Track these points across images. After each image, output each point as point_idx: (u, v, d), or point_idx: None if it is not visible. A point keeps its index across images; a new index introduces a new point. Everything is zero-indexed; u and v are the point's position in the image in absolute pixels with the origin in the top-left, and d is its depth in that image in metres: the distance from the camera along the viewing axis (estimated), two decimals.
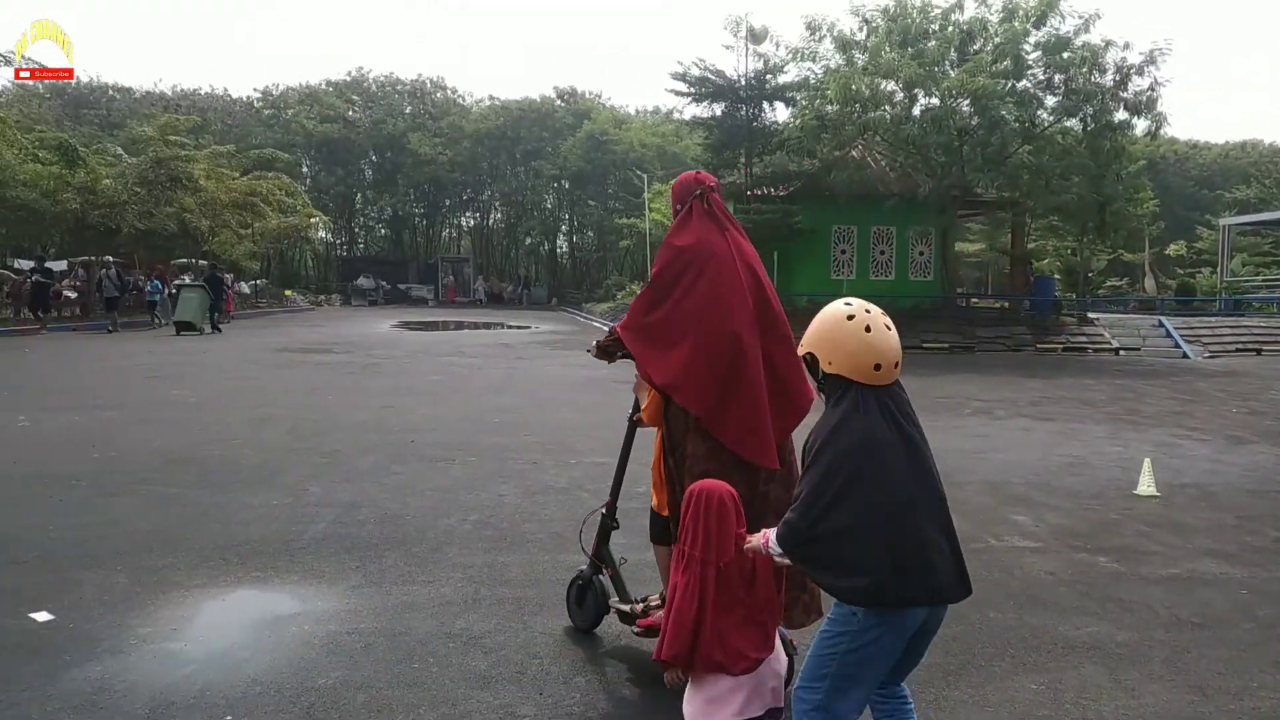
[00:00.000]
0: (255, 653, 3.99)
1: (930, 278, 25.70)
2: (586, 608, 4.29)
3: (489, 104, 62.08)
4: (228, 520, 6.02)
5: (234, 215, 34.78)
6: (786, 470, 3.66)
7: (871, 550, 2.40)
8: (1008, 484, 7.61)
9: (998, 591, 4.96)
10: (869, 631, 2.44)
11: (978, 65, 20.91)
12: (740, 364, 3.58)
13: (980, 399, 13.18)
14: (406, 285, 53.83)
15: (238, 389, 13.00)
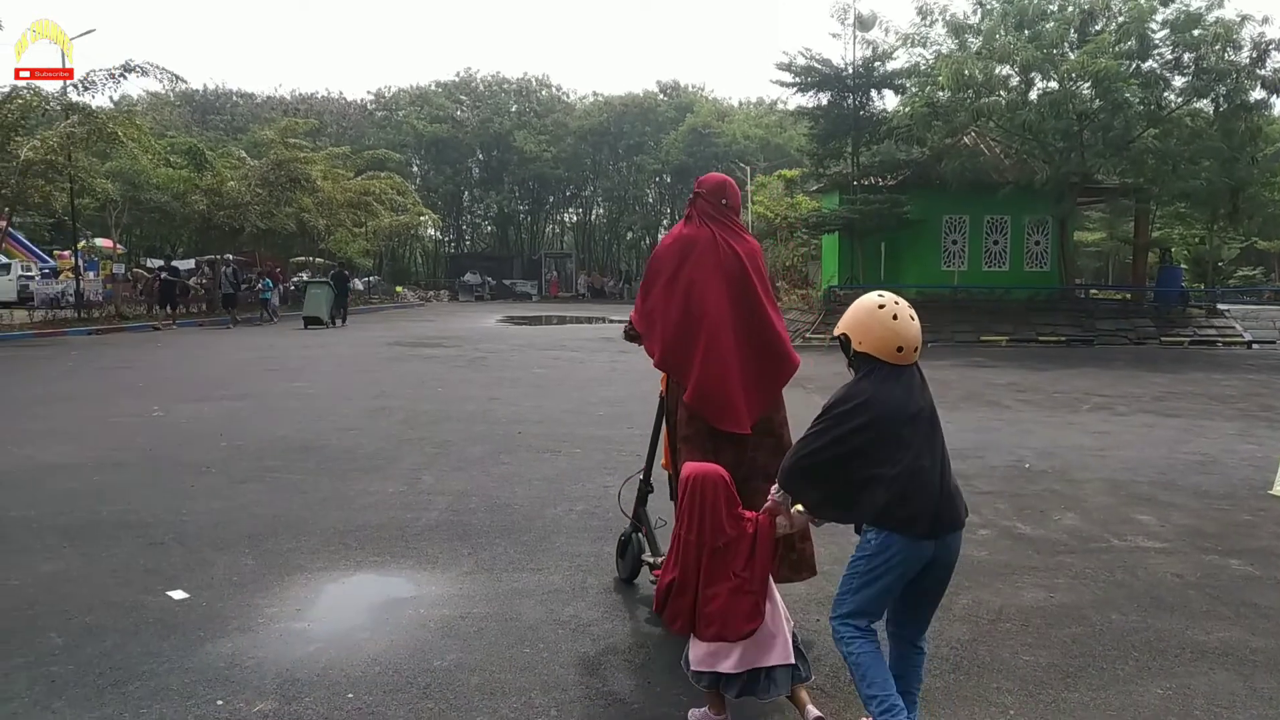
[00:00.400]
0: (374, 634, 4.15)
1: (1047, 268, 24.74)
2: (626, 560, 4.89)
3: (592, 100, 62.68)
4: (346, 506, 6.26)
5: (349, 214, 36.03)
6: (775, 440, 4.07)
7: (882, 486, 2.93)
8: (1131, 482, 7.28)
9: (1120, 593, 4.77)
10: (883, 551, 2.97)
11: (1100, 46, 20.00)
12: (709, 337, 4.02)
13: (1100, 394, 12.64)
14: (511, 281, 54.84)
15: (354, 381, 13.48)
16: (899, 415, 2.98)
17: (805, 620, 4.30)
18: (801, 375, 14.00)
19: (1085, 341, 21.36)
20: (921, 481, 2.96)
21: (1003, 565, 5.18)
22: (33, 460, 7.66)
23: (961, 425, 9.96)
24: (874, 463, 2.96)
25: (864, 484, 2.98)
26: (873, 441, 2.96)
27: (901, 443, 2.96)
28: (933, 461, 3.01)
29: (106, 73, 22.76)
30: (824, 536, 4.62)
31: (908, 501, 2.94)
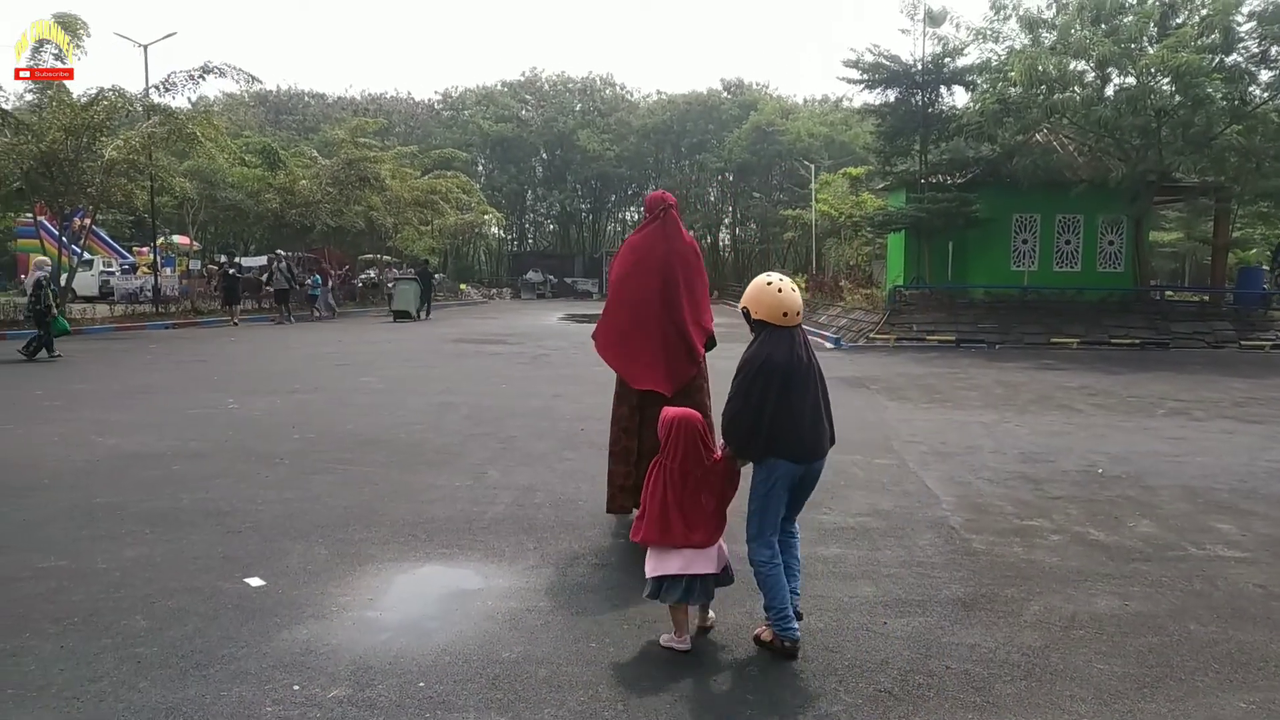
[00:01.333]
0: (443, 624, 4.22)
1: (1121, 269, 24.05)
2: None
3: (656, 99, 62.75)
4: (415, 499, 6.38)
5: (415, 213, 36.64)
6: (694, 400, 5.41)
7: (765, 428, 3.85)
8: (1209, 489, 7.06)
9: (1198, 602, 4.63)
10: (769, 478, 3.95)
11: (1181, 39, 19.38)
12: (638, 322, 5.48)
13: (1176, 399, 12.27)
14: (572, 279, 55.18)
15: (420, 377, 13.71)
16: (785, 366, 3.88)
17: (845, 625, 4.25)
18: (866, 375, 13.92)
19: (1160, 345, 20.73)
20: (798, 421, 3.89)
21: (1075, 572, 5.07)
22: (117, 449, 7.95)
23: (1032, 429, 9.76)
24: (767, 407, 3.84)
25: (760, 425, 3.85)
26: (767, 390, 3.85)
27: (786, 388, 3.87)
28: (808, 404, 3.93)
29: (186, 74, 23.49)
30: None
31: (787, 436, 3.87)
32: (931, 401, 11.78)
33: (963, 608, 4.51)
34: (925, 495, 6.77)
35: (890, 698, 3.56)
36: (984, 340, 20.81)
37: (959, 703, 3.53)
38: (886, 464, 7.86)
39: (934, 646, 4.05)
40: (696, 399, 5.49)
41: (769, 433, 3.86)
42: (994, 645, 4.07)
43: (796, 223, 42.37)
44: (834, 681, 3.69)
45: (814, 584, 4.81)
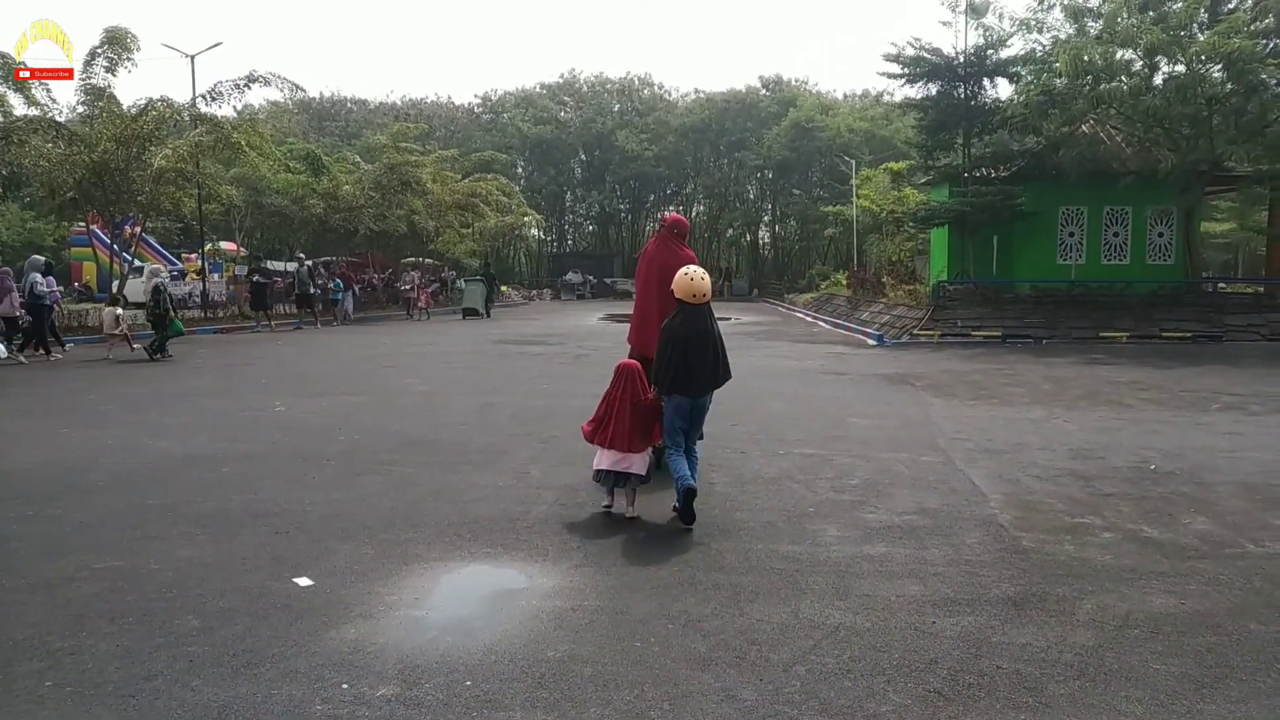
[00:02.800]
0: (489, 623, 4.24)
1: (1171, 261, 23.53)
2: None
3: (694, 98, 62.68)
4: (459, 499, 6.42)
5: (456, 216, 36.93)
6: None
7: (670, 374, 5.73)
8: (1267, 485, 6.88)
9: (1258, 601, 4.51)
10: (670, 405, 5.84)
11: (1233, 25, 18.91)
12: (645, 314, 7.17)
13: (1231, 393, 11.97)
14: (611, 279, 55.26)
15: (463, 378, 13.82)
16: (688, 334, 5.74)
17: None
18: (910, 371, 13.83)
19: (1213, 338, 20.25)
20: (695, 369, 5.77)
21: (1128, 570, 4.97)
22: (169, 452, 8.10)
23: (1081, 424, 9.58)
24: (677, 361, 5.73)
25: (670, 373, 5.77)
26: (674, 351, 5.73)
27: (689, 349, 5.73)
28: (706, 361, 5.80)
29: (232, 84, 23.88)
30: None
31: (685, 380, 5.78)
32: (977, 398, 11.62)
33: (1013, 607, 4.44)
34: (972, 493, 6.67)
35: (940, 698, 3.51)
36: (1030, 335, 20.47)
37: (1010, 703, 3.47)
38: (932, 461, 7.76)
39: (984, 646, 3.98)
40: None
41: (674, 378, 5.76)
42: (1046, 645, 3.99)
43: (837, 219, 42.04)
44: (882, 681, 3.64)
45: (860, 583, 4.77)
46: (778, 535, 5.62)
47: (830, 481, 7.02)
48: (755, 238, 65.67)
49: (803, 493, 6.69)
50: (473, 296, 31.54)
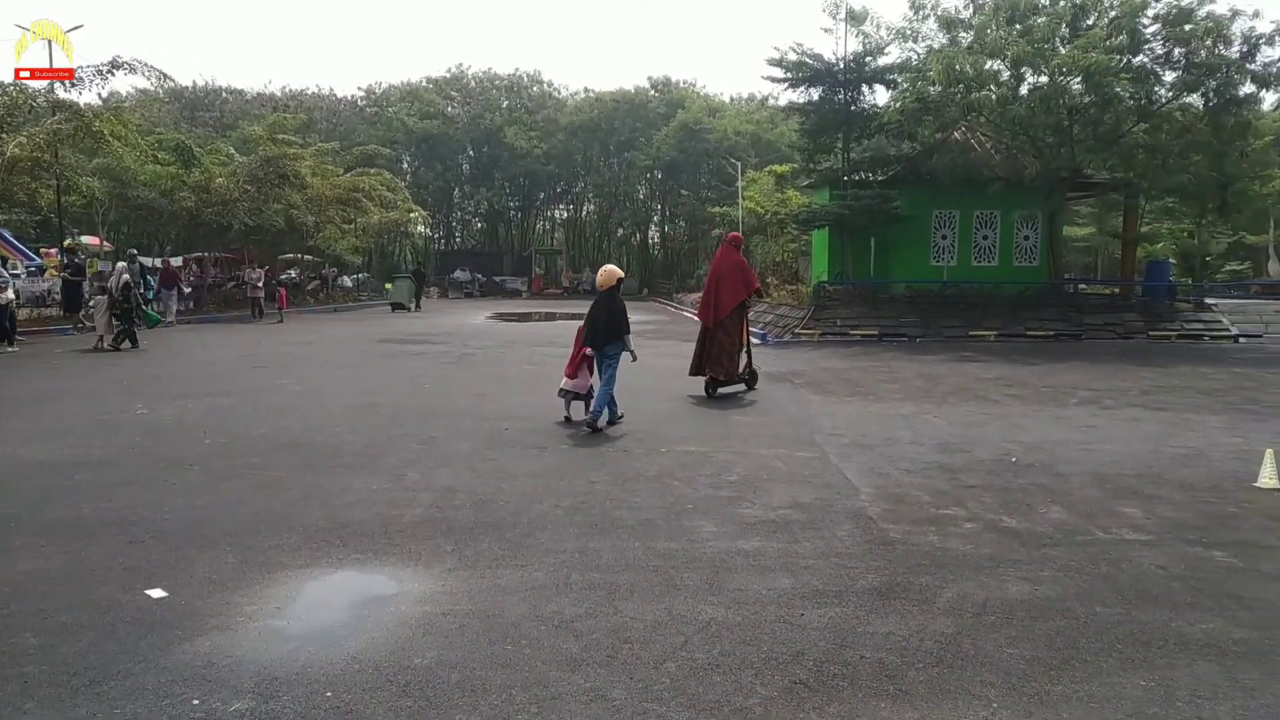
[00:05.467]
0: (355, 631, 4.11)
1: (1036, 263, 24.76)
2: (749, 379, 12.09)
3: (583, 96, 62.58)
4: (330, 504, 6.22)
5: (338, 211, 35.88)
6: (723, 332, 11.62)
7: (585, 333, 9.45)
8: (1117, 475, 7.28)
9: (1105, 586, 4.76)
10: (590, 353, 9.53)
11: (1091, 41, 20.01)
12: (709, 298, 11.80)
13: (1088, 388, 12.65)
14: (501, 277, 54.70)
15: (340, 378, 13.42)
16: (594, 309, 9.24)
17: (789, 616, 4.27)
18: (791, 370, 14.16)
19: (1073, 336, 21.40)
20: (592, 330, 9.23)
21: (987, 558, 5.17)
22: (17, 458, 7.59)
23: (950, 420, 9.96)
24: (585, 325, 9.33)
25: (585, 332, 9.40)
26: (587, 318, 9.30)
27: (592, 318, 9.24)
28: (596, 325, 9.18)
29: (94, 69, 22.59)
30: None
31: (589, 336, 9.27)
32: (854, 395, 11.95)
33: (878, 597, 4.56)
34: (845, 487, 6.85)
35: (805, 689, 3.57)
36: (905, 334, 21.21)
37: (872, 691, 3.56)
38: (809, 457, 7.93)
39: (849, 636, 4.08)
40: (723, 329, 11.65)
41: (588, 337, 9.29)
42: (908, 633, 4.12)
43: (724, 220, 42.64)
44: (750, 675, 3.69)
45: (733, 578, 4.82)
46: (655, 532, 5.63)
47: (710, 478, 7.09)
48: (645, 237, 66.03)
49: (683, 490, 6.73)
50: (399, 292, 34.57)
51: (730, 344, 11.63)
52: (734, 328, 11.66)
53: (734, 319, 11.66)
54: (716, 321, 11.59)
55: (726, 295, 11.59)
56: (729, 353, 11.62)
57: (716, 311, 11.61)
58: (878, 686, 3.60)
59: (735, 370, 11.72)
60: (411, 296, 34.74)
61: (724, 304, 11.57)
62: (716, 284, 11.67)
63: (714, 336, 11.64)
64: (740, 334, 11.77)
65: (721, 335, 11.60)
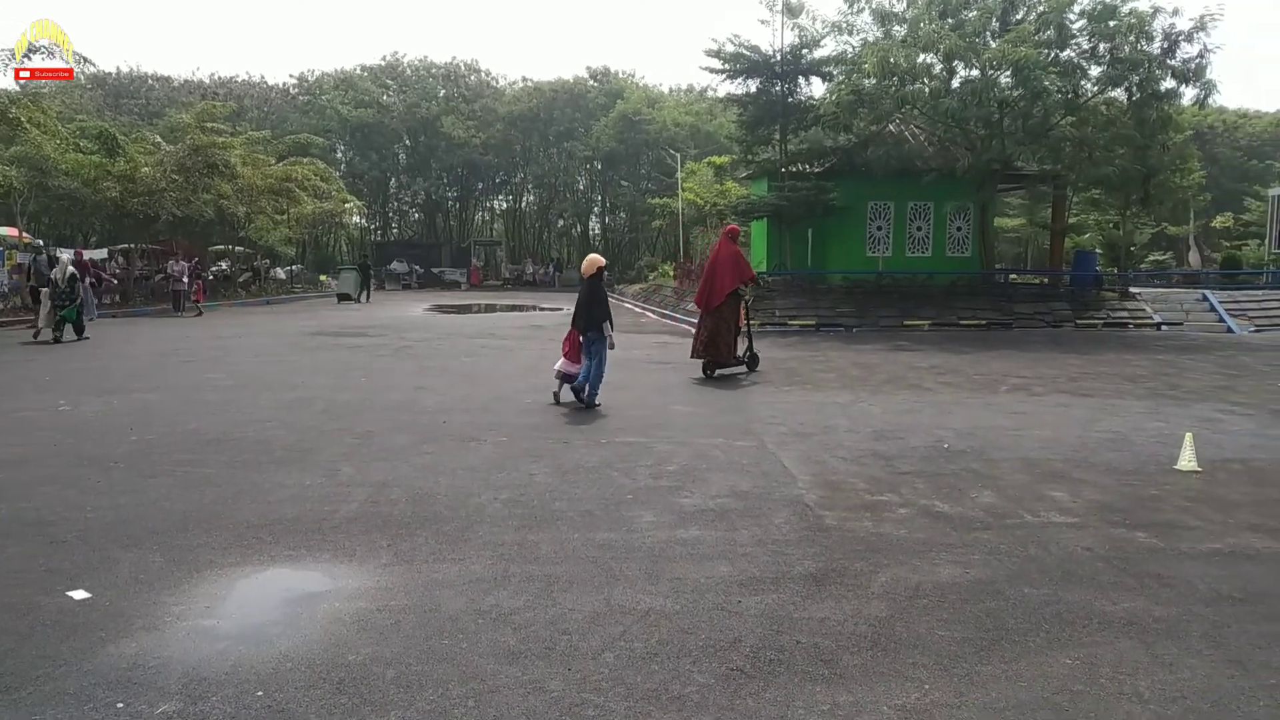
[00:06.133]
0: (287, 629, 4.03)
1: (968, 254, 25.28)
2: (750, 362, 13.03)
3: (522, 86, 62.10)
4: (261, 500, 6.08)
5: (270, 201, 35.06)
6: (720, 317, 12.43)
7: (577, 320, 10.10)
8: (1046, 460, 7.48)
9: (1033, 567, 4.88)
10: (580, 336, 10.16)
11: (1020, 35, 20.45)
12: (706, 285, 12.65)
13: (1018, 375, 12.98)
14: (439, 269, 54.03)
15: (273, 372, 13.15)
16: (582, 296, 10.03)
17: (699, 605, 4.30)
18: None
19: (1004, 325, 21.92)
20: (580, 317, 9.94)
21: (921, 543, 5.27)
22: None
23: (885, 408, 10.13)
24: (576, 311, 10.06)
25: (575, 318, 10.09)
26: (576, 306, 10.06)
27: (578, 304, 10.03)
28: (580, 310, 9.97)
29: (9, 53, 21.71)
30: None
31: (575, 320, 10.02)
32: (792, 384, 12.08)
33: (814, 583, 4.62)
34: (782, 475, 6.92)
35: (742, 675, 3.60)
36: (842, 324, 21.51)
37: (807, 676, 3.60)
38: (747, 446, 7.99)
39: (785, 622, 4.12)
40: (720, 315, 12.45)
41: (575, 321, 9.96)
42: (842, 618, 4.17)
43: (664, 211, 42.74)
44: (688, 663, 3.70)
45: (672, 567, 4.84)
46: (595, 524, 5.62)
47: (649, 469, 7.10)
48: (586, 228, 65.89)
49: (622, 480, 6.73)
50: (347, 283, 35.36)
51: (727, 328, 12.45)
52: (730, 314, 12.50)
53: (730, 305, 12.46)
54: (713, 307, 12.40)
55: (722, 283, 12.39)
56: (725, 337, 12.43)
57: (711, 298, 12.41)
58: (813, 671, 3.64)
59: (732, 353, 12.56)
60: (358, 288, 35.27)
61: (719, 291, 12.35)
62: (713, 272, 12.52)
63: (712, 322, 12.43)
64: (737, 319, 12.64)
65: (719, 320, 12.40)
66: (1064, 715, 3.31)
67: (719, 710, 3.33)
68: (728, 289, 12.40)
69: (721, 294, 12.37)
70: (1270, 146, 55.97)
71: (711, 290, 12.43)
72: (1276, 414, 9.83)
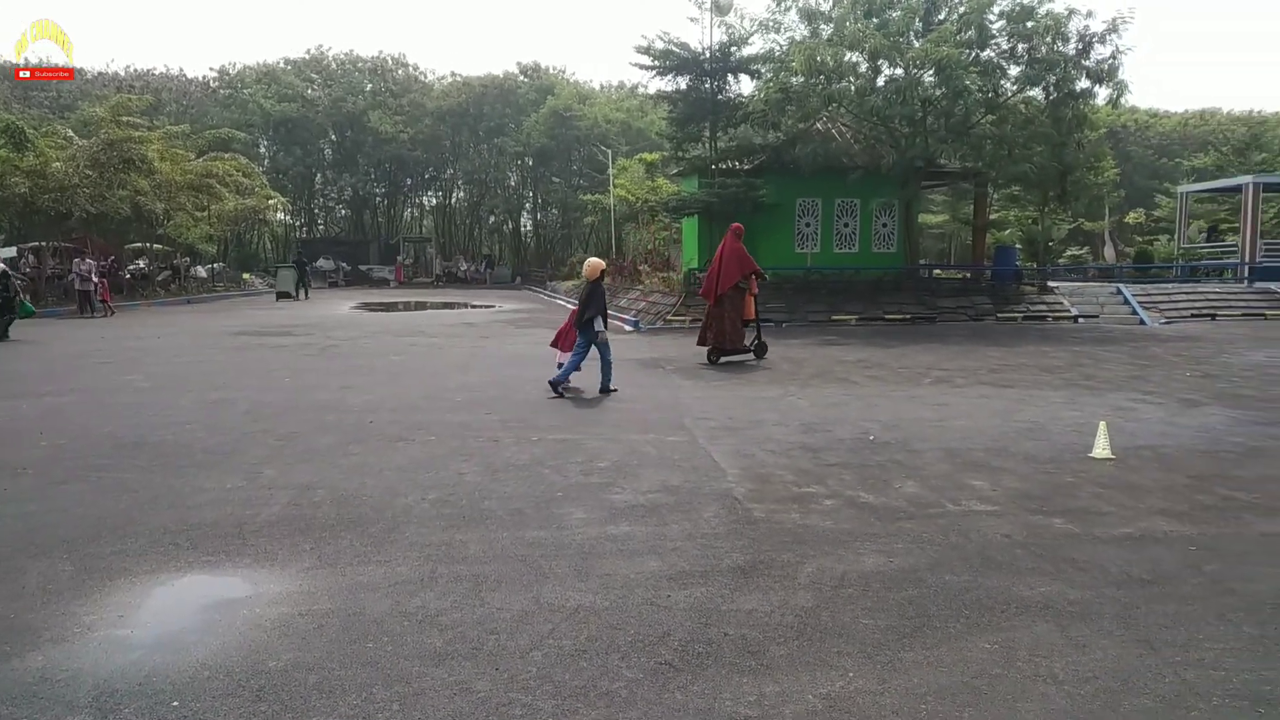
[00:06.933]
0: (204, 637, 3.92)
1: (894, 250, 25.74)
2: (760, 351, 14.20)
3: (451, 81, 61.35)
4: (179, 505, 5.91)
5: (189, 197, 34.04)
6: (725, 307, 13.64)
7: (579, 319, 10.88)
8: (967, 450, 7.66)
9: (954, 554, 5.00)
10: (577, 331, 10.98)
11: (942, 35, 20.87)
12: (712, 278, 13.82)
13: (941, 368, 13.27)
14: (368, 266, 53.12)
15: (193, 373, 12.79)
16: (583, 295, 10.77)
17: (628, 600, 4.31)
18: (662, 356, 14.30)
19: (928, 319, 22.39)
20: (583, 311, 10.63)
21: (846, 534, 5.36)
22: None
23: (813, 401, 10.27)
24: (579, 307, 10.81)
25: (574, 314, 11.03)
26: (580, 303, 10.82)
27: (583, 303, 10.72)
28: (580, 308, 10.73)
29: None
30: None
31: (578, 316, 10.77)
32: (722, 379, 12.17)
33: (742, 575, 4.66)
34: (713, 469, 6.96)
35: (670, 669, 3.61)
36: (772, 319, 21.66)
37: (735, 667, 3.63)
38: (678, 441, 8.03)
39: (714, 615, 4.15)
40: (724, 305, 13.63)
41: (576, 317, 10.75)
42: (769, 609, 4.22)
43: (596, 207, 42.69)
44: (617, 658, 3.70)
45: (601, 563, 4.83)
46: (525, 522, 5.59)
47: (580, 465, 7.09)
48: (518, 225, 65.40)
49: (553, 478, 6.70)
50: (285, 281, 35.84)
51: (732, 318, 13.72)
52: (734, 305, 13.75)
53: (733, 297, 13.73)
54: (718, 297, 13.68)
55: (727, 276, 13.65)
56: (730, 325, 13.68)
57: (718, 289, 13.66)
58: (740, 662, 3.68)
59: (739, 340, 13.80)
60: (297, 285, 35.66)
61: (724, 283, 13.63)
62: (720, 266, 13.74)
63: (718, 312, 13.72)
64: (741, 310, 13.86)
65: (724, 310, 13.67)
66: (982, 698, 3.40)
67: (646, 705, 3.33)
68: (732, 281, 13.58)
69: (725, 286, 13.56)
70: (1179, 145, 58.18)
71: (718, 282, 13.66)
72: (1185, 402, 10.23)
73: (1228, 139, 52.77)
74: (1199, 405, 10.03)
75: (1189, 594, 4.44)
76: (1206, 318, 23.71)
